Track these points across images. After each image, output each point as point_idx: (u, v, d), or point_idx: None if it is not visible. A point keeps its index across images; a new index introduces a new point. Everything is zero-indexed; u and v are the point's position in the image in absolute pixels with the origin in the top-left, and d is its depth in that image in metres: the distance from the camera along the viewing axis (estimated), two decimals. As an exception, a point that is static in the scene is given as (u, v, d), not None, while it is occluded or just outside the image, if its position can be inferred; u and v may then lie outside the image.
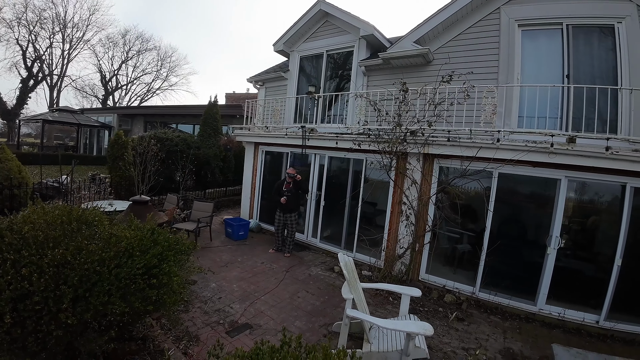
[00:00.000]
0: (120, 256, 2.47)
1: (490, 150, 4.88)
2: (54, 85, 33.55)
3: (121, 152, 8.97)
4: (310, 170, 7.43)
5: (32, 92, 30.98)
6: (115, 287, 2.33)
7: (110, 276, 2.34)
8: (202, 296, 4.74)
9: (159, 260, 2.64)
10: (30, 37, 30.48)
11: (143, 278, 2.46)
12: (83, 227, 2.90)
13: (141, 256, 2.55)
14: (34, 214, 2.90)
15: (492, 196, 5.12)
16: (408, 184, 5.61)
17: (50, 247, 2.49)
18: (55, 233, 2.64)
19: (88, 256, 2.36)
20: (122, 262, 2.47)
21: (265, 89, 10.35)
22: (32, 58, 30.97)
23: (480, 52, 6.16)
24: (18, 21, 29.19)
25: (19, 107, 28.92)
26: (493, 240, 5.10)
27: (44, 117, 19.73)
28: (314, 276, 5.80)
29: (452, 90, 5.40)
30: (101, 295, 2.26)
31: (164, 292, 2.59)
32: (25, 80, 30.18)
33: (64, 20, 32.71)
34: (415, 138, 5.32)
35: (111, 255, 2.45)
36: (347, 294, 3.34)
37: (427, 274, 5.63)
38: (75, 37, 34.52)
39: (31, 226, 2.68)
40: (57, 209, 3.11)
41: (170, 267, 2.65)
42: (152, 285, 2.49)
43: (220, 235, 7.93)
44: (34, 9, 30.17)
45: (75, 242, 2.54)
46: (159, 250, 2.67)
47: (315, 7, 8.40)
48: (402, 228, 5.67)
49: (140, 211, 5.20)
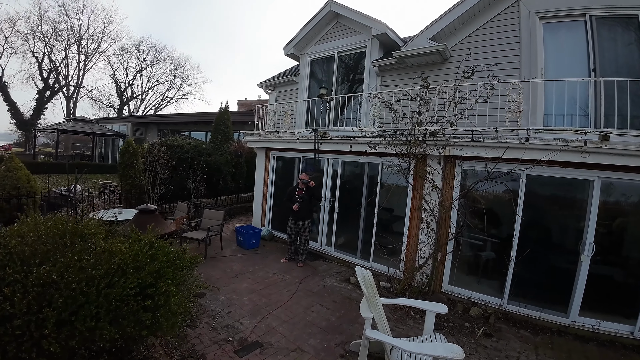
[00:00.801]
0: (112, 274, 2.20)
1: (517, 151, 4.49)
2: (71, 96, 34.34)
3: (131, 160, 8.87)
4: (323, 175, 7.12)
5: (49, 102, 31.80)
6: (105, 310, 2.07)
7: (98, 297, 2.07)
8: (211, 310, 4.46)
9: (156, 279, 2.36)
10: (45, 49, 31.40)
11: (136, 299, 2.18)
12: (77, 240, 2.66)
13: (135, 274, 2.28)
14: (25, 227, 2.67)
15: (521, 200, 4.72)
16: (428, 189, 5.23)
17: (37, 263, 2.24)
18: (44, 248, 2.40)
19: (75, 274, 2.09)
20: (114, 281, 2.20)
21: (276, 94, 10.17)
22: (48, 70, 31.84)
23: (500, 48, 5.82)
24: (33, 34, 30.08)
25: (36, 118, 29.65)
26: (522, 248, 4.69)
27: (59, 126, 20.05)
28: (329, 288, 5.46)
29: (472, 88, 5.06)
30: (88, 319, 1.99)
31: (161, 314, 2.31)
32: (41, 91, 30.98)
33: (78, 32, 33.62)
34: (436, 139, 4.96)
35: (101, 274, 2.18)
36: (366, 312, 3.00)
37: (451, 285, 5.23)
38: (91, 49, 35.42)
39: (19, 240, 2.45)
40: (49, 221, 2.89)
41: (167, 286, 2.36)
42: (146, 307, 2.21)
43: (232, 243, 7.68)
44: (49, 21, 31.10)
45: (64, 258, 2.29)
46: (156, 267, 2.39)
47: (325, 9, 8.18)
48: (423, 236, 5.29)
49: (146, 221, 4.98)
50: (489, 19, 6.03)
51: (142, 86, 41.91)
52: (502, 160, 4.60)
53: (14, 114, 29.28)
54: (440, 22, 6.30)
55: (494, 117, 4.98)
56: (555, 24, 5.55)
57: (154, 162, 8.44)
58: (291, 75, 9.31)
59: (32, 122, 28.86)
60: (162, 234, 4.64)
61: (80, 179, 14.20)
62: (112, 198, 9.47)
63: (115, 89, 40.11)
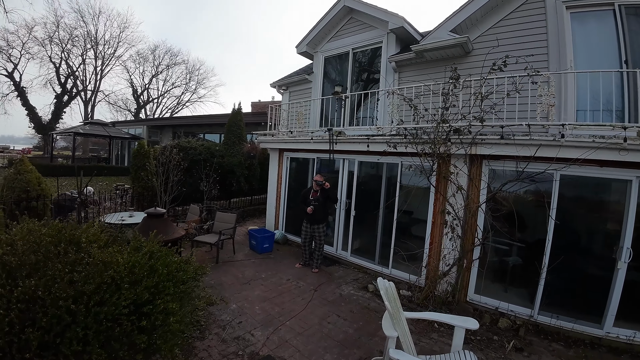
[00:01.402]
0: (104, 290, 1.95)
1: (551, 149, 4.11)
2: (88, 100, 35.05)
3: (143, 162, 8.74)
4: (338, 177, 6.82)
5: (67, 107, 32.51)
6: (94, 332, 1.82)
7: (87, 317, 1.82)
8: (221, 320, 4.20)
9: (153, 295, 2.10)
10: (62, 54, 32.15)
11: (130, 319, 1.92)
12: (71, 249, 2.43)
13: (130, 289, 2.02)
14: (18, 234, 2.45)
15: (554, 202, 4.33)
16: (452, 191, 4.85)
17: (24, 276, 2.01)
18: (35, 258, 2.17)
19: (63, 289, 1.85)
20: (105, 298, 1.95)
21: (289, 94, 9.95)
22: (65, 75, 32.56)
23: (527, 39, 5.45)
24: (50, 39, 30.76)
25: (54, 122, 30.30)
26: (554, 254, 4.30)
27: (75, 130, 20.38)
28: (346, 296, 5.14)
29: (501, 81, 4.69)
30: (74, 342, 1.74)
31: (159, 336, 2.04)
32: (59, 95, 31.68)
33: (95, 37, 34.30)
34: (461, 137, 4.59)
35: (92, 289, 1.93)
36: (389, 329, 2.67)
37: (477, 295, 4.85)
38: (107, 54, 36.08)
39: (8, 249, 2.22)
40: (44, 228, 2.67)
41: (166, 303, 2.09)
42: (142, 328, 1.95)
43: (245, 247, 7.45)
44: (65, 27, 31.77)
45: (53, 270, 2.05)
46: (154, 282, 2.13)
47: (339, 4, 7.90)
48: (446, 241, 4.92)
49: (154, 225, 4.77)
50: (513, 9, 5.68)
51: (158, 90, 42.56)
52: (534, 159, 4.21)
53: (32, 118, 29.99)
54: (461, 13, 5.95)
55: (523, 114, 4.61)
56: (583, 14, 5.19)
57: (166, 164, 8.31)
58: (304, 74, 9.05)
59: (51, 126, 29.50)
60: (171, 239, 4.42)
61: (96, 181, 14.29)
62: (125, 200, 9.38)
63: (132, 93, 40.85)
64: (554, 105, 4.42)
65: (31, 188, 6.57)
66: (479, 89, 4.64)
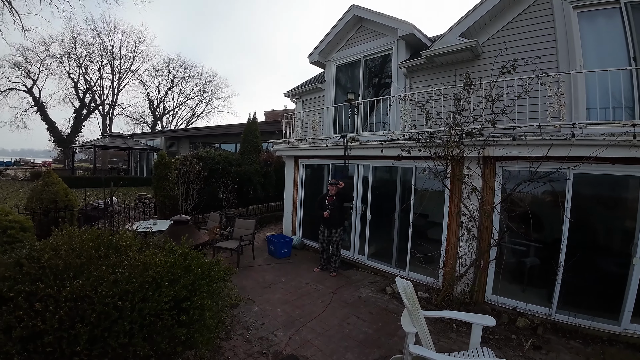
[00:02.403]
0: (146, 288, 2.14)
1: (563, 148, 4.15)
2: (106, 113, 36.24)
3: (165, 172, 9.07)
4: (353, 182, 6.94)
5: (86, 120, 33.70)
6: (139, 326, 2.00)
7: (132, 313, 2.01)
8: (245, 321, 4.37)
9: (190, 292, 2.28)
10: (80, 70, 33.43)
11: (171, 314, 2.11)
12: (111, 253, 2.64)
13: (170, 287, 2.21)
14: (60, 240, 2.68)
15: (568, 201, 4.36)
16: (467, 192, 4.93)
17: (71, 277, 2.22)
18: (79, 261, 2.38)
19: (109, 288, 2.05)
20: (148, 295, 2.13)
21: (303, 102, 10.15)
22: (83, 89, 33.76)
23: (535, 41, 5.51)
24: (68, 56, 32.03)
25: (74, 135, 31.41)
26: (570, 253, 4.32)
27: (95, 143, 21.12)
28: (364, 299, 5.24)
29: (511, 83, 4.77)
30: (121, 335, 1.92)
31: (196, 329, 2.22)
32: (78, 110, 32.87)
33: (111, 53, 35.52)
34: (473, 139, 4.68)
35: (135, 287, 2.13)
36: (408, 326, 2.78)
37: (495, 295, 4.87)
38: (123, 68, 37.28)
39: (53, 254, 2.44)
40: (84, 234, 2.90)
41: (202, 299, 2.28)
42: (181, 322, 2.13)
43: (263, 252, 7.64)
44: (82, 43, 33.02)
45: (98, 271, 2.26)
46: (190, 280, 2.32)
47: (348, 14, 8.11)
48: (463, 243, 4.98)
49: (180, 231, 5.02)
50: (521, 12, 5.74)
51: (173, 102, 43.69)
52: (546, 159, 4.27)
53: (52, 132, 31.18)
54: (469, 17, 6.05)
55: (534, 114, 4.67)
56: (590, 13, 5.22)
57: (187, 173, 8.60)
58: (317, 83, 9.25)
59: (70, 139, 30.57)
60: (196, 245, 4.63)
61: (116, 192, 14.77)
62: (147, 209, 9.73)
63: (149, 106, 42.01)
64: (564, 105, 4.47)
65: (59, 199, 6.94)
66: (490, 91, 4.74)
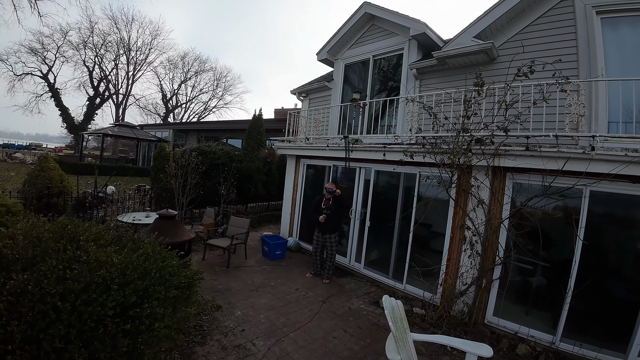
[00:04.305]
0: (92, 289, 1.88)
1: (580, 162, 3.78)
2: (120, 103, 36.48)
3: (163, 164, 8.86)
4: (354, 185, 6.63)
5: (99, 109, 33.97)
6: (77, 331, 1.75)
7: (71, 316, 1.75)
8: (224, 326, 4.10)
9: (142, 298, 2.00)
10: (96, 58, 33.74)
11: (115, 321, 1.84)
12: (71, 246, 2.39)
13: (118, 291, 1.94)
14: (20, 229, 2.45)
15: (582, 221, 3.98)
16: (473, 205, 4.57)
17: (19, 269, 1.99)
18: (31, 253, 2.14)
19: (53, 286, 1.80)
20: (92, 298, 1.88)
21: (309, 101, 9.89)
22: (98, 78, 34.03)
23: (555, 46, 5.13)
24: (84, 44, 32.35)
25: (86, 123, 31.66)
26: (581, 277, 3.95)
27: (104, 131, 21.17)
28: (355, 311, 4.91)
29: (526, 90, 4.41)
30: (56, 339, 1.67)
31: (143, 341, 1.94)
32: (92, 98, 33.18)
33: (128, 43, 35.74)
34: (483, 147, 4.33)
35: (80, 288, 1.86)
36: (392, 353, 2.44)
37: (496, 317, 4.51)
38: (139, 60, 37.50)
39: (9, 242, 2.21)
40: (47, 224, 2.65)
41: (153, 308, 1.99)
42: (125, 331, 1.86)
43: (257, 253, 7.37)
44: (99, 33, 33.33)
45: (46, 266, 2.01)
46: (143, 285, 2.04)
47: (360, 11, 7.80)
48: (465, 258, 4.62)
49: (165, 226, 4.76)
50: (540, 15, 5.38)
51: (186, 95, 43.80)
52: (561, 173, 3.90)
53: (65, 118, 31.49)
54: (485, 18, 5.69)
55: (550, 124, 4.29)
56: (615, 19, 4.85)
57: (185, 166, 8.39)
58: (324, 82, 8.97)
59: (82, 126, 30.79)
60: (177, 242, 4.37)
61: (120, 181, 14.70)
62: (145, 200, 9.55)
63: (162, 98, 42.18)
64: (584, 116, 4.09)
65: (53, 185, 6.77)
66: (503, 97, 4.38)
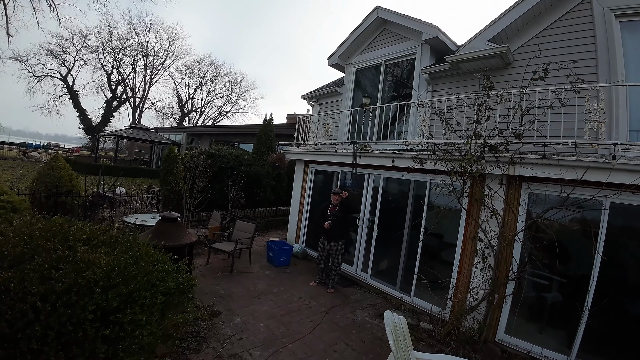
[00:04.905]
0: (75, 291, 1.79)
1: (600, 172, 3.55)
2: (136, 106, 37.26)
3: (171, 166, 8.85)
4: (362, 192, 6.44)
5: (116, 111, 34.76)
6: (55, 333, 1.65)
7: (50, 317, 1.66)
8: (221, 333, 3.97)
9: (125, 303, 1.88)
10: (114, 62, 34.57)
11: (94, 325, 1.73)
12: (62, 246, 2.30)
13: (101, 294, 1.83)
14: (13, 226, 2.39)
15: (602, 235, 3.72)
16: (486, 215, 4.34)
17: (5, 266, 1.92)
18: (19, 250, 2.07)
19: (35, 285, 1.71)
20: (73, 300, 1.78)
21: (320, 106, 9.80)
22: (116, 81, 34.85)
23: (573, 50, 4.91)
24: (103, 48, 33.22)
25: (103, 125, 32.38)
26: (600, 294, 3.68)
27: (119, 133, 21.54)
28: (359, 323, 4.70)
29: (542, 95, 4.17)
30: (32, 340, 1.58)
31: (124, 348, 1.82)
32: (109, 101, 34.00)
33: (145, 48, 36.57)
34: (497, 155, 4.11)
35: (62, 289, 1.77)
36: (395, 373, 2.26)
37: (508, 335, 4.24)
38: (156, 64, 38.30)
39: (1, 238, 2.14)
40: (41, 222, 2.59)
41: (136, 314, 1.87)
42: (105, 337, 1.74)
43: (262, 258, 7.24)
44: (118, 37, 34.25)
45: (32, 264, 1.93)
46: (126, 290, 1.92)
47: (371, 16, 7.69)
48: (477, 272, 4.38)
49: (167, 229, 4.66)
50: (557, 18, 5.19)
51: (201, 100, 44.40)
52: (580, 184, 3.66)
53: (82, 120, 32.29)
54: (501, 21, 5.52)
55: (568, 132, 4.05)
56: (634, 23, 4.64)
57: (193, 169, 8.36)
58: (335, 87, 8.86)
59: (99, 128, 31.49)
60: (176, 245, 4.27)
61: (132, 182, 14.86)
62: (154, 202, 9.57)
63: (177, 102, 42.86)
64: (604, 122, 3.85)
65: (62, 184, 6.82)
66: (519, 102, 4.16)
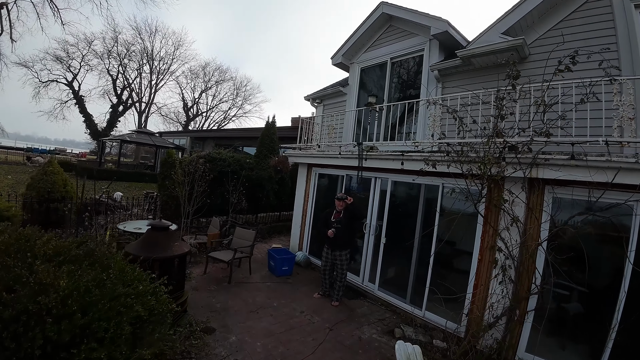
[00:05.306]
0: (24, 320, 1.46)
1: (633, 174, 3.14)
2: (142, 111, 37.31)
3: (169, 171, 8.54)
4: (369, 197, 6.05)
5: (122, 116, 34.83)
6: None
7: None
8: (214, 354, 3.62)
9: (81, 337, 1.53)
10: (120, 67, 34.68)
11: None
12: (22, 263, 1.96)
13: (53, 325, 1.49)
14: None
15: (632, 243, 3.32)
16: (506, 223, 3.91)
17: None
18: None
19: None
20: (20, 332, 1.44)
21: (324, 107, 9.46)
22: (121, 86, 34.94)
23: (592, 43, 4.54)
24: (109, 53, 33.35)
25: (109, 130, 32.40)
26: (630, 307, 3.27)
27: (122, 137, 21.45)
28: (366, 341, 4.29)
29: (566, 90, 3.80)
30: None
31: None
32: (115, 106, 34.12)
33: (151, 53, 36.67)
34: (519, 156, 3.70)
35: (10, 316, 1.45)
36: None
37: (529, 354, 3.80)
38: (162, 69, 38.38)
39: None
40: (5, 234, 2.25)
41: (90, 351, 1.52)
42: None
43: (263, 267, 6.87)
44: (124, 43, 34.38)
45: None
46: (82, 321, 1.56)
47: (376, 12, 7.35)
48: (495, 285, 3.95)
49: (157, 238, 4.30)
50: (575, 9, 4.87)
51: (207, 104, 44.39)
52: (610, 187, 3.25)
53: (88, 124, 32.30)
54: (514, 12, 5.17)
55: (595, 130, 3.61)
56: None
57: (192, 174, 8.04)
58: (339, 86, 8.51)
59: (105, 133, 31.46)
60: (164, 257, 3.92)
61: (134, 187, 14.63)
62: (151, 208, 9.28)
63: (183, 106, 42.89)
64: (633, 119, 3.47)
65: (55, 190, 6.58)
66: (541, 97, 3.75)
